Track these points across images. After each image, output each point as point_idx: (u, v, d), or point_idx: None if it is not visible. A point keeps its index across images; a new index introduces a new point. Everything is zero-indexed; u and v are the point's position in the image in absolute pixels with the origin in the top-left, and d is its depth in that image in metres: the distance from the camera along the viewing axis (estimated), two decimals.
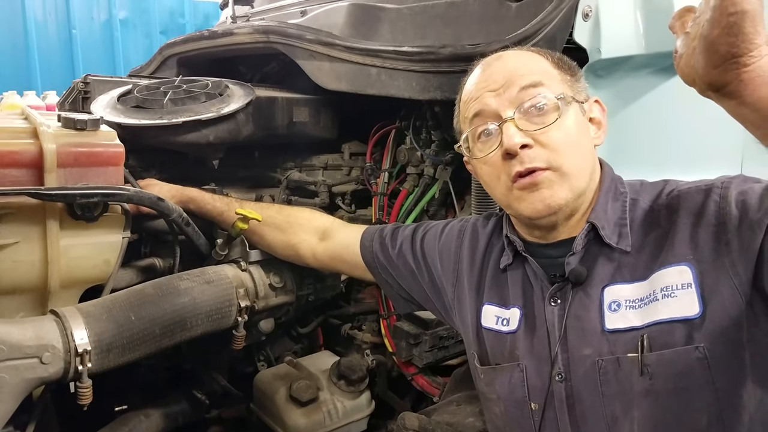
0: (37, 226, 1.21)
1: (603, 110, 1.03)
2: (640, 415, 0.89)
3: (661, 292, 0.89)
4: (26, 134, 1.22)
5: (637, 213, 0.97)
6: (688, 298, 0.87)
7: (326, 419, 1.61)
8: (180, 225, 1.41)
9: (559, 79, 0.99)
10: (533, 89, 0.95)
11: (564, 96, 0.95)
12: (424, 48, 1.44)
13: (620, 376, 0.90)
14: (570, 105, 0.96)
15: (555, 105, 0.94)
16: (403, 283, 1.30)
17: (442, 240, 1.23)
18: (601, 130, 1.02)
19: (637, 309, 0.91)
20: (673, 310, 0.87)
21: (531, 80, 0.96)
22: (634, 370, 0.88)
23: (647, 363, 0.87)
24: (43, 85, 5.43)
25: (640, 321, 0.90)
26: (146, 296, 1.28)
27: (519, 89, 0.96)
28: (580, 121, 0.98)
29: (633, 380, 0.89)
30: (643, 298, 0.91)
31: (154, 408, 1.57)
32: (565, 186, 0.94)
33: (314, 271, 1.58)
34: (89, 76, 1.71)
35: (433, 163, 1.77)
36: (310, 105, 1.85)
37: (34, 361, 1.09)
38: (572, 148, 0.95)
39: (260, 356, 1.89)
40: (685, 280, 0.87)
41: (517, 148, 0.94)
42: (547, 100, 0.94)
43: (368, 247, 1.33)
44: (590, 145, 1.00)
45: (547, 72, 0.98)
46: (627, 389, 0.90)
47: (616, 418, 0.91)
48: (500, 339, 1.05)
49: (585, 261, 0.97)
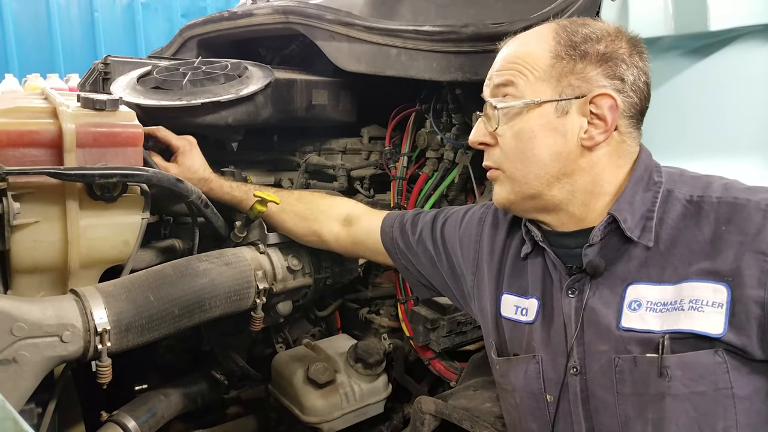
0: (56, 206, 1.21)
1: (615, 106, 0.90)
2: (655, 417, 0.87)
3: (689, 303, 0.85)
4: (46, 114, 1.22)
5: (672, 206, 0.92)
6: (715, 317, 0.83)
7: (343, 401, 1.62)
8: (199, 207, 1.40)
9: (545, 73, 0.93)
10: (503, 88, 0.96)
11: (529, 102, 0.93)
12: (445, 27, 1.41)
13: (636, 376, 0.88)
14: (533, 110, 0.93)
15: (506, 111, 0.95)
16: (422, 270, 1.29)
17: (463, 227, 1.21)
18: (602, 128, 0.91)
19: (658, 313, 0.88)
20: (697, 323, 0.84)
21: (502, 79, 0.96)
22: (652, 371, 0.86)
23: (667, 365, 0.85)
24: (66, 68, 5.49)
25: (659, 326, 0.87)
26: (165, 277, 1.28)
27: (494, 86, 0.98)
28: (545, 125, 0.93)
29: (650, 381, 0.87)
30: (667, 303, 0.87)
31: (174, 388, 1.59)
32: (507, 188, 0.99)
33: (332, 255, 1.57)
34: (109, 57, 1.70)
35: (453, 147, 1.75)
36: (330, 87, 1.84)
37: (55, 339, 1.10)
38: (520, 155, 0.95)
39: (278, 338, 1.90)
40: (719, 300, 0.83)
41: (476, 145, 1.01)
42: (501, 107, 0.95)
43: (388, 233, 1.32)
44: (557, 150, 0.93)
45: (532, 67, 0.93)
46: (642, 390, 0.88)
47: (630, 418, 0.90)
48: (519, 329, 1.04)
49: (606, 254, 0.94)
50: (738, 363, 0.83)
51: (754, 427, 0.84)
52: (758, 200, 0.86)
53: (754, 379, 0.84)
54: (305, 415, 1.59)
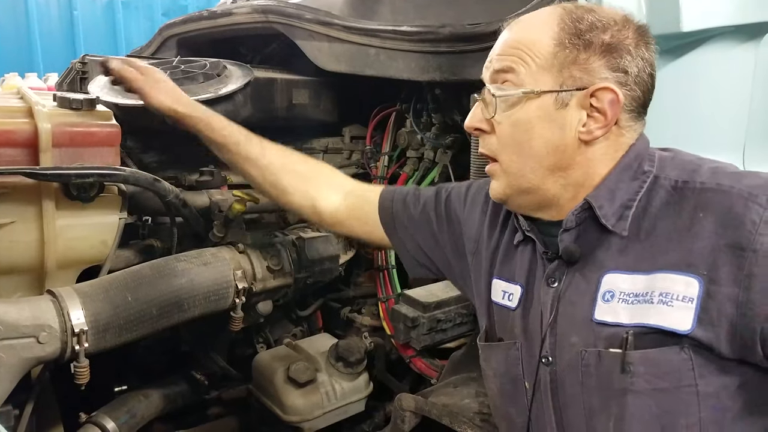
0: (32, 206, 1.21)
1: (617, 101, 0.87)
2: (617, 412, 0.86)
3: (658, 297, 0.83)
4: (21, 113, 1.22)
5: (656, 193, 0.88)
6: (683, 313, 0.81)
7: (324, 400, 1.62)
8: (177, 206, 1.40)
9: (547, 62, 0.89)
10: (503, 74, 0.92)
11: (528, 91, 0.89)
12: (423, 28, 1.42)
13: (601, 370, 0.87)
14: (532, 100, 0.90)
15: (505, 99, 0.91)
16: (423, 246, 1.23)
17: (468, 205, 1.18)
18: (601, 122, 0.88)
19: (630, 304, 0.86)
20: (665, 319, 0.82)
21: (503, 65, 0.92)
22: (615, 366, 0.85)
23: (630, 361, 0.83)
24: (45, 67, 5.42)
25: (628, 319, 0.85)
26: (143, 277, 1.27)
27: (494, 71, 0.94)
28: (543, 116, 0.90)
29: (613, 377, 0.85)
30: (638, 294, 0.85)
31: (154, 389, 1.58)
32: (503, 182, 0.95)
33: (312, 254, 1.57)
34: (87, 56, 1.69)
35: (433, 146, 1.76)
36: (310, 87, 1.84)
37: (31, 340, 1.09)
38: (515, 146, 0.92)
39: (259, 338, 1.89)
40: (689, 294, 0.81)
41: (471, 130, 0.97)
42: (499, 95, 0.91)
43: (388, 207, 1.25)
44: (554, 143, 0.90)
45: (534, 54, 0.90)
46: (606, 385, 0.87)
47: (594, 411, 0.89)
48: (505, 314, 1.04)
49: (584, 241, 0.92)
50: (705, 360, 0.81)
51: (720, 424, 0.83)
52: (742, 187, 0.81)
53: (721, 376, 0.82)
54: (286, 415, 1.59)
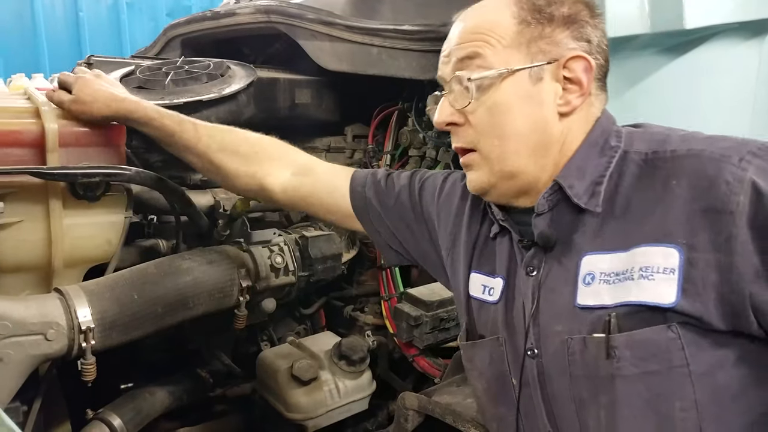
0: (40, 206, 1.22)
1: (590, 67, 0.86)
2: (607, 400, 0.82)
3: (639, 272, 0.79)
4: (28, 114, 1.23)
5: (627, 167, 0.85)
6: (666, 285, 0.77)
7: (327, 398, 1.63)
8: (182, 205, 1.41)
9: (513, 41, 0.87)
10: (467, 61, 0.89)
11: (503, 71, 0.86)
12: (424, 27, 1.43)
13: (587, 357, 0.83)
14: (507, 80, 0.87)
15: (479, 84, 0.87)
16: (397, 233, 1.19)
17: (443, 198, 1.13)
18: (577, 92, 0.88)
19: (611, 284, 0.82)
20: (647, 294, 0.78)
21: (467, 51, 0.89)
22: (600, 352, 0.81)
23: (614, 345, 0.80)
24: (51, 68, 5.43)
25: (611, 299, 0.82)
26: (148, 275, 1.29)
27: (457, 60, 0.90)
28: (522, 94, 0.87)
29: (599, 363, 0.81)
30: (619, 273, 0.81)
31: (159, 386, 1.59)
32: (486, 170, 0.91)
33: (315, 253, 1.58)
34: (92, 56, 1.71)
35: (435, 145, 1.76)
36: (313, 86, 1.85)
37: (39, 337, 1.10)
38: (496, 129, 0.88)
39: (263, 336, 1.90)
40: (670, 265, 0.77)
41: (443, 126, 0.93)
42: (475, 78, 0.87)
43: (360, 192, 1.20)
44: (535, 119, 0.88)
45: (498, 35, 0.88)
46: (593, 372, 0.83)
47: (584, 401, 0.85)
48: (485, 309, 1.00)
49: (558, 225, 0.89)
50: (695, 336, 0.77)
51: (720, 404, 0.78)
52: (714, 149, 0.78)
53: (715, 352, 0.77)
54: (290, 412, 1.60)
